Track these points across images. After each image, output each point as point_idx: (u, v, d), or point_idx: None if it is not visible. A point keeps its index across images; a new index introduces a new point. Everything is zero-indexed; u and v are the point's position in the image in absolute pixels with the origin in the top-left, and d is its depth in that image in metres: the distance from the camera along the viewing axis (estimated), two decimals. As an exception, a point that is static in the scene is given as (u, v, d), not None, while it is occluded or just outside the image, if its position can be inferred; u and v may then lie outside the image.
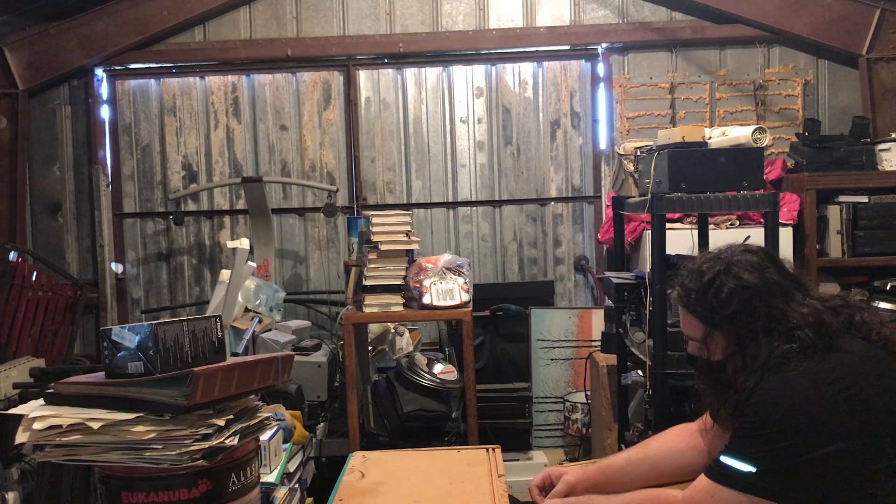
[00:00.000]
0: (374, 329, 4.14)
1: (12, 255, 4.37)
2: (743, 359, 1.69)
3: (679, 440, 1.97)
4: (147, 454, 1.50)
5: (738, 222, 4.16)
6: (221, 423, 1.56)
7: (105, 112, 4.94)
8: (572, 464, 2.59)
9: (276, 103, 4.97)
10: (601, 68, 4.90)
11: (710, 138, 2.78)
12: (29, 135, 4.83)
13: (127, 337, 1.57)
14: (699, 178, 2.63)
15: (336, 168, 4.98)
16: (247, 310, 3.85)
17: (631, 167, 3.28)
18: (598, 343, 3.85)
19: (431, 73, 4.96)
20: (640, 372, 2.91)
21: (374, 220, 3.43)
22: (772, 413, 1.56)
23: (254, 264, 3.85)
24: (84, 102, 4.92)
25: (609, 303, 3.31)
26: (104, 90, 4.92)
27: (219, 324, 1.69)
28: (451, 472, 2.15)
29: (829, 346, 1.61)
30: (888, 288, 3.92)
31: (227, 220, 5.01)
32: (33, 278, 4.42)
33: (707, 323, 1.74)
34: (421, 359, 3.63)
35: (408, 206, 4.87)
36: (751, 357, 1.67)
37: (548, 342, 4.59)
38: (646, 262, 3.79)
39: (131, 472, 1.53)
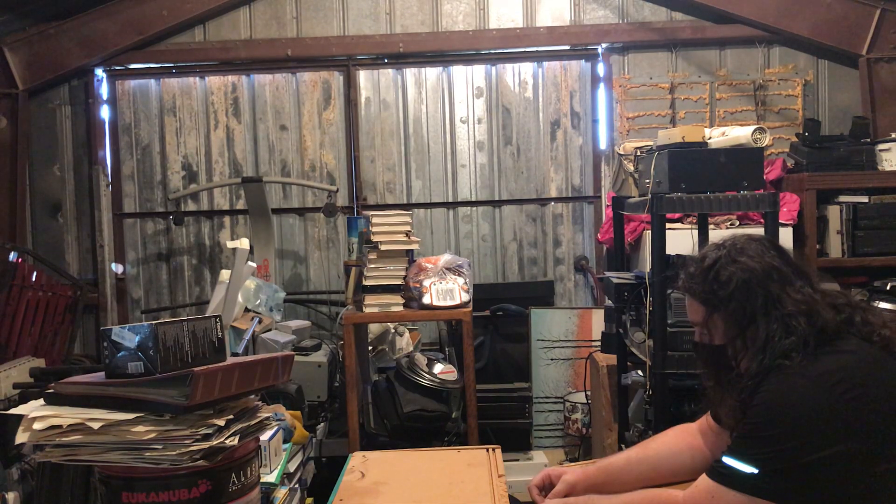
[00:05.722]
0: (374, 329, 4.14)
1: (12, 255, 4.37)
2: (743, 341, 1.70)
3: (679, 440, 1.97)
4: (147, 454, 1.50)
5: (738, 222, 4.15)
6: (221, 423, 1.56)
7: (105, 112, 4.94)
8: (572, 464, 2.59)
9: (276, 103, 4.97)
10: (601, 68, 4.90)
11: (710, 138, 2.79)
12: (29, 135, 4.83)
13: (127, 337, 1.57)
14: (699, 178, 2.64)
15: (336, 168, 4.98)
16: (247, 310, 3.85)
17: (631, 167, 3.28)
18: (598, 343, 3.85)
19: (431, 73, 4.96)
20: (640, 372, 2.91)
21: (374, 220, 3.43)
22: (775, 414, 1.56)
23: (254, 264, 3.85)
24: (84, 102, 4.92)
25: (609, 303, 3.31)
26: (104, 90, 4.92)
27: (219, 324, 1.69)
28: (451, 472, 2.14)
29: (826, 341, 1.61)
30: (888, 288, 3.91)
31: (227, 220, 5.01)
32: (33, 278, 4.42)
33: (708, 305, 1.76)
34: (421, 359, 3.63)
35: (408, 206, 4.87)
36: (750, 339, 1.68)
37: (548, 342, 4.58)
38: (646, 262, 3.79)
39: (131, 472, 1.53)
